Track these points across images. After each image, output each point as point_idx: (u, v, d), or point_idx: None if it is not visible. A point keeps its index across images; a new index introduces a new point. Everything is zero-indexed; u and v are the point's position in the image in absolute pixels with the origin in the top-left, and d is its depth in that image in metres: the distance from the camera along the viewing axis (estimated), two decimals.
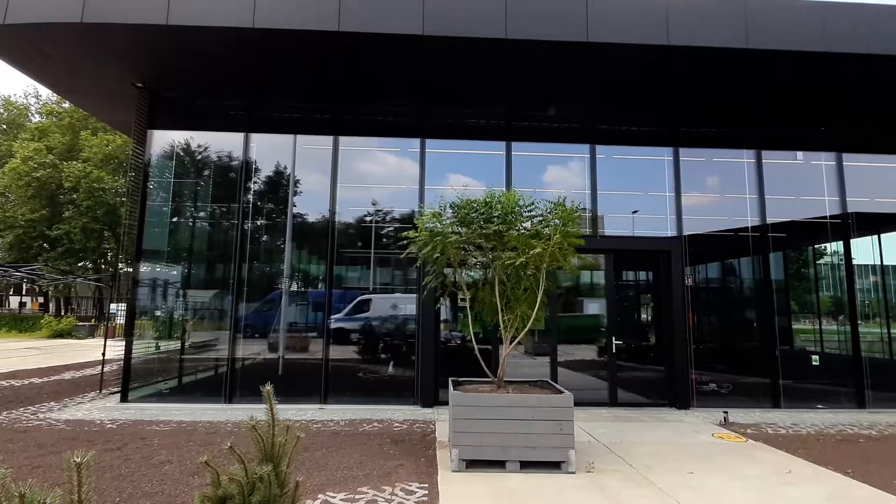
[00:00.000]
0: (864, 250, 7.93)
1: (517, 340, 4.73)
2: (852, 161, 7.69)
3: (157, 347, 7.30)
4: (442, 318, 7.52)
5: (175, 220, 7.57)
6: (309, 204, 7.62)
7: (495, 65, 6.07)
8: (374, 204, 7.59)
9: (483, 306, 5.11)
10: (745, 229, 7.58)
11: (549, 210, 4.54)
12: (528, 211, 4.67)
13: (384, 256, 7.48)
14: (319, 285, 7.48)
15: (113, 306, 10.18)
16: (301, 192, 7.65)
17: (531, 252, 4.18)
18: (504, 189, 6.03)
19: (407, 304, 7.42)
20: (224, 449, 1.82)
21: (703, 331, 7.66)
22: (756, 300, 7.67)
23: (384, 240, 7.51)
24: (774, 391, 7.18)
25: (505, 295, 4.85)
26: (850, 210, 7.62)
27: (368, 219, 7.56)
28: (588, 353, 7.69)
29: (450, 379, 5.03)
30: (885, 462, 4.64)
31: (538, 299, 4.61)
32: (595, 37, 5.36)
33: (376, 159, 7.91)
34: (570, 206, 4.43)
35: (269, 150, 7.69)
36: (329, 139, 7.49)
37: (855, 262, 7.73)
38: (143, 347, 7.14)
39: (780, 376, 7.20)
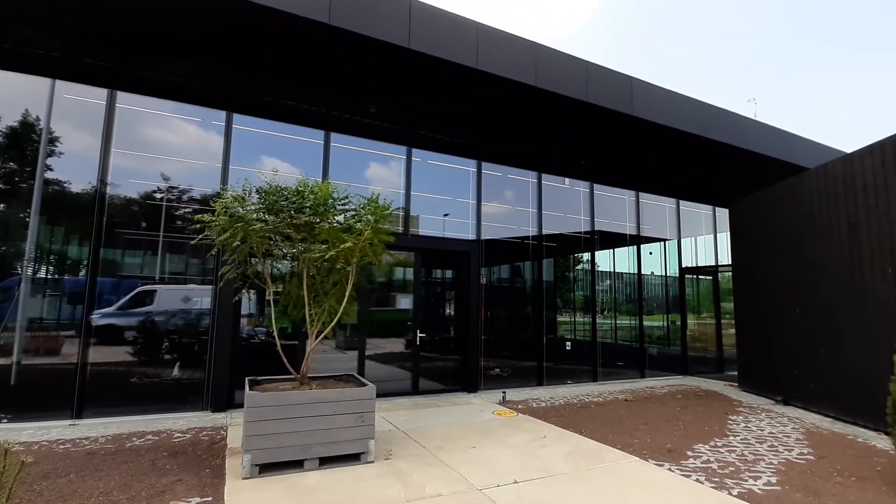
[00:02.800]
0: (604, 260, 10.29)
1: (323, 335, 4.65)
2: (600, 191, 9.89)
3: None
4: (246, 313, 6.89)
5: None
6: (71, 170, 6.06)
7: (317, 49, 5.83)
8: (166, 179, 6.48)
9: (290, 300, 4.88)
10: (528, 238, 9.04)
11: (362, 205, 4.59)
12: (343, 204, 4.64)
13: (178, 241, 6.46)
14: (81, 271, 6.03)
15: None
16: (61, 154, 6.04)
17: (342, 246, 4.16)
18: (320, 179, 5.87)
19: (203, 297, 6.55)
20: None
21: (493, 323, 8.80)
22: (532, 297, 9.18)
23: (178, 222, 6.48)
24: (539, 372, 8.73)
25: (314, 288, 4.73)
26: (597, 228, 9.80)
27: (159, 196, 6.42)
28: (397, 346, 8.05)
29: (246, 378, 4.65)
30: (605, 421, 6.10)
31: (347, 294, 4.63)
32: (416, 45, 5.65)
33: (171, 127, 6.76)
34: (383, 203, 4.57)
35: (10, 94, 5.85)
36: (103, 92, 6.11)
37: (599, 268, 9.96)
38: None
39: (544, 360, 8.80)
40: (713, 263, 11.44)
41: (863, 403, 5.72)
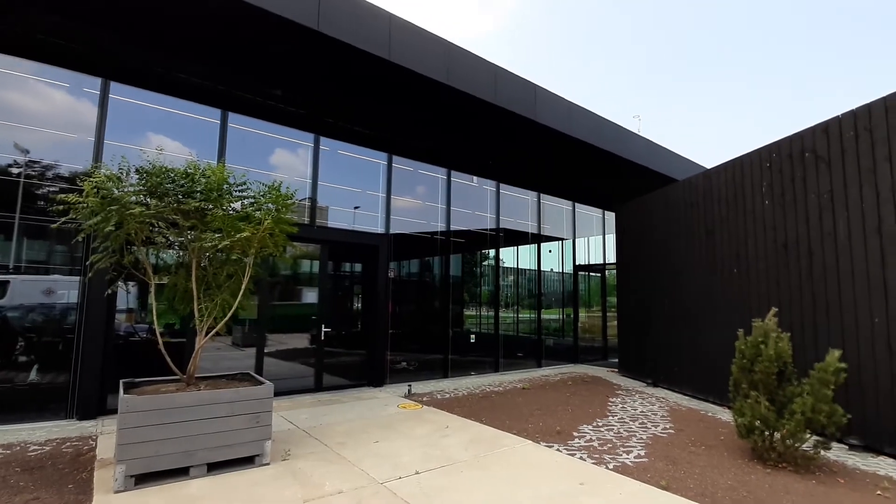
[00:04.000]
0: (509, 257, 10.83)
1: (215, 331, 4.31)
2: (506, 190, 10.38)
3: None
4: (125, 308, 6.14)
5: None
6: None
7: (214, 20, 5.35)
8: (24, 152, 5.52)
9: (176, 293, 4.44)
10: (437, 233, 9.19)
11: (262, 193, 4.32)
12: (240, 190, 4.32)
13: (39, 225, 5.53)
14: None
15: None
16: None
17: (238, 235, 3.88)
18: (215, 162, 5.40)
19: (71, 290, 5.71)
20: None
21: (401, 317, 8.83)
22: (440, 292, 9.37)
23: (40, 202, 5.55)
24: (445, 365, 8.96)
25: (205, 280, 4.36)
26: (502, 226, 10.27)
27: (16, 171, 5.44)
28: (301, 341, 7.73)
29: (121, 381, 4.15)
30: (504, 409, 6.45)
31: (243, 287, 4.34)
32: (325, 28, 5.43)
33: (33, 91, 5.76)
34: (286, 191, 4.34)
35: None
36: None
37: (503, 265, 10.45)
38: None
39: (450, 352, 9.04)
40: (602, 262, 12.61)
41: (712, 383, 6.70)
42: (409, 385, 7.67)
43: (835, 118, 5.27)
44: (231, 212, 4.17)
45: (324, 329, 7.49)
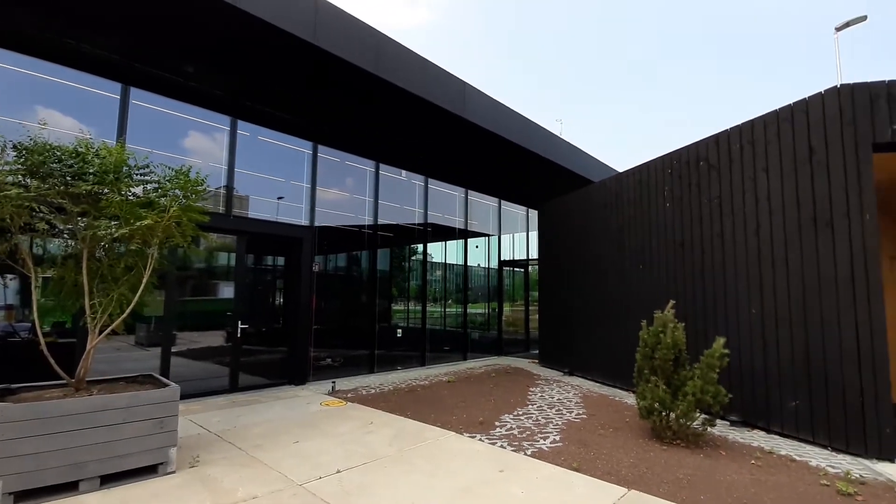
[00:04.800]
0: (438, 252, 10.92)
1: (110, 329, 3.88)
2: (435, 186, 10.44)
3: None
4: (4, 304, 5.37)
5: None
6: None
7: None
8: None
9: (63, 287, 3.94)
10: (364, 227, 9.02)
11: (168, 177, 3.95)
12: (142, 174, 3.91)
13: None
14: None
15: None
16: None
17: (138, 224, 3.51)
18: (114, 142, 4.84)
19: None
20: None
21: (326, 313, 8.57)
22: (367, 286, 9.22)
23: None
24: (371, 360, 8.85)
25: (99, 273, 3.91)
26: (430, 221, 10.33)
27: None
28: (215, 339, 7.21)
29: None
30: (429, 402, 6.51)
31: (145, 280, 3.94)
32: (243, 4, 5.06)
33: None
34: (196, 176, 3.99)
35: None
36: None
37: (432, 259, 10.53)
38: None
39: (376, 347, 8.94)
40: (525, 258, 13.15)
41: (621, 370, 7.26)
42: (334, 382, 7.48)
43: (724, 132, 5.92)
44: (131, 197, 3.77)
45: (240, 325, 7.06)
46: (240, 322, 7.06)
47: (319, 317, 8.18)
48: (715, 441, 4.86)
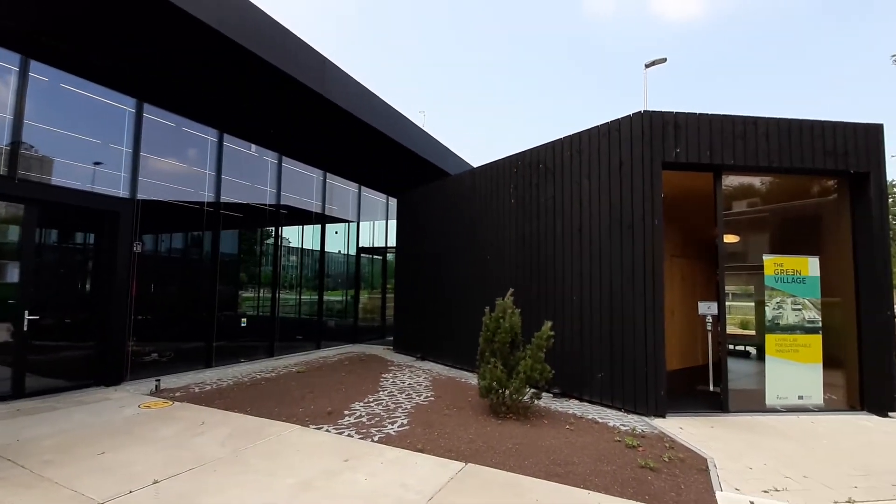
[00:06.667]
0: (294, 236, 10.28)
1: None
2: (290, 165, 9.78)
3: None
4: None
5: None
6: None
7: None
8: None
9: None
10: (204, 203, 8.01)
11: None
12: None
13: None
14: None
15: None
16: None
17: None
18: None
19: None
20: None
21: (153, 301, 7.43)
22: (207, 271, 8.24)
23: None
24: (209, 353, 7.97)
25: None
26: (284, 202, 9.66)
27: None
28: None
29: None
30: (274, 396, 6.13)
31: None
32: None
33: None
34: None
35: None
36: None
37: (288, 244, 9.86)
38: None
39: (214, 339, 8.08)
40: (384, 245, 13.19)
41: (467, 354, 7.75)
42: (158, 380, 6.54)
43: (559, 140, 6.69)
44: None
45: (28, 317, 5.71)
46: (27, 312, 5.70)
47: (144, 305, 7.06)
48: (540, 412, 5.54)
